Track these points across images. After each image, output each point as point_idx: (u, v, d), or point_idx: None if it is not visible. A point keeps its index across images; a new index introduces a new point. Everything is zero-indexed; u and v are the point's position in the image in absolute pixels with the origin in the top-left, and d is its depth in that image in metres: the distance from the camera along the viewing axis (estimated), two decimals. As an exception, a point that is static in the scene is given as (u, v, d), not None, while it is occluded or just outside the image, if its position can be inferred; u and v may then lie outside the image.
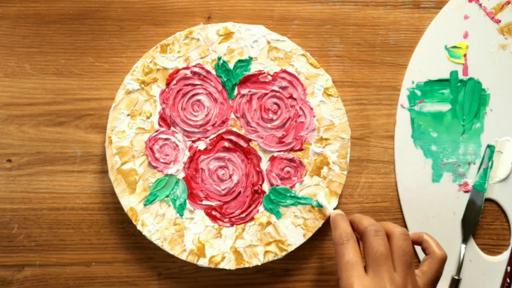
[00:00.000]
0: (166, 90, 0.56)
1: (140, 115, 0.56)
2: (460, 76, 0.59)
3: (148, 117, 0.56)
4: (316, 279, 0.60)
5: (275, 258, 0.56)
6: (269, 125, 0.57)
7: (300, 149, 0.57)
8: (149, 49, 0.57)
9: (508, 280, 0.58)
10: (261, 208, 0.57)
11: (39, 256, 0.58)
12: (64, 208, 0.58)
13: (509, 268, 0.59)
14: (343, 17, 0.59)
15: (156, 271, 0.59)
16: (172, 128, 0.56)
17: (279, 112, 0.56)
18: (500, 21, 0.58)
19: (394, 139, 0.59)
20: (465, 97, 0.59)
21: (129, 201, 0.56)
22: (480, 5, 0.58)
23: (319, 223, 0.57)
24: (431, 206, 0.59)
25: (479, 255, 0.59)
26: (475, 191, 0.59)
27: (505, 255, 0.59)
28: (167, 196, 0.56)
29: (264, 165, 0.57)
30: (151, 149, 0.56)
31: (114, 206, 0.58)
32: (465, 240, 0.59)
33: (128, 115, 0.56)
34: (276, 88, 0.56)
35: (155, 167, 0.56)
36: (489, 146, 0.59)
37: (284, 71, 0.56)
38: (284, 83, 0.56)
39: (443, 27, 0.59)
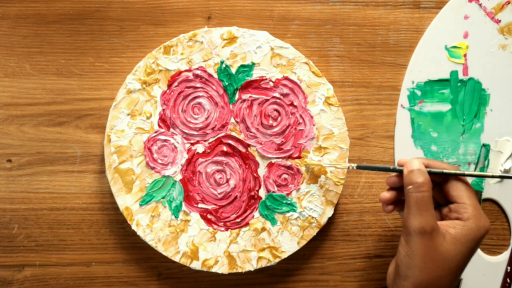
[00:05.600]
0: (168, 91, 0.56)
1: (140, 115, 0.56)
2: (460, 76, 0.59)
3: (148, 118, 0.56)
4: (316, 279, 0.60)
5: (268, 264, 0.56)
6: (268, 132, 0.57)
7: (299, 157, 0.57)
8: (149, 49, 0.57)
9: (508, 280, 0.59)
10: (256, 213, 0.57)
11: (39, 256, 0.59)
12: (64, 208, 0.58)
13: (509, 268, 0.59)
14: (343, 17, 0.59)
15: (156, 271, 0.59)
16: (171, 129, 0.56)
17: (279, 119, 0.56)
18: (500, 21, 0.58)
19: (394, 139, 0.59)
20: (465, 97, 0.59)
21: (125, 201, 0.56)
22: (480, 5, 0.58)
23: (314, 232, 0.57)
24: (431, 206, 0.59)
25: (479, 255, 0.59)
26: (473, 191, 0.58)
27: (505, 255, 0.59)
28: (163, 197, 0.56)
29: (262, 171, 0.57)
30: (149, 149, 0.56)
31: (114, 206, 0.58)
32: (465, 240, 0.59)
33: (128, 114, 0.56)
34: (277, 95, 0.56)
35: (152, 168, 0.56)
36: (484, 145, 0.59)
37: (286, 78, 0.56)
38: (285, 90, 0.56)
39: (443, 27, 0.58)
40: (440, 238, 0.46)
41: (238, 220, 0.56)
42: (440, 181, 0.50)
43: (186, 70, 0.56)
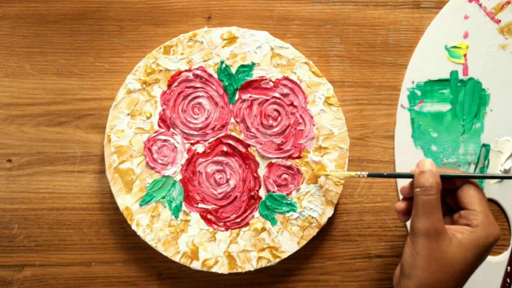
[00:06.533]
0: (168, 91, 0.56)
1: (140, 115, 0.56)
2: (460, 76, 0.59)
3: (148, 118, 0.56)
4: (316, 279, 0.60)
5: (268, 264, 0.56)
6: (268, 132, 0.57)
7: (299, 157, 0.57)
8: (149, 49, 0.57)
9: (508, 280, 0.59)
10: (256, 213, 0.57)
11: (39, 256, 0.59)
12: (64, 208, 0.58)
13: (509, 268, 0.59)
14: (343, 17, 0.59)
15: (156, 271, 0.59)
16: (171, 129, 0.56)
17: (279, 119, 0.56)
18: (500, 21, 0.58)
19: (394, 139, 0.59)
20: (465, 97, 0.59)
21: (125, 201, 0.56)
22: (480, 5, 0.58)
23: (314, 232, 0.57)
24: (431, 206, 0.59)
25: (479, 255, 0.59)
26: (474, 191, 0.58)
27: (505, 255, 0.59)
28: (163, 198, 0.56)
29: (262, 171, 0.57)
30: (149, 149, 0.56)
31: (114, 206, 0.58)
32: (465, 240, 0.59)
33: (128, 114, 0.56)
34: (277, 95, 0.56)
35: (152, 168, 0.56)
36: (484, 145, 0.59)
37: (286, 78, 0.56)
38: (285, 90, 0.56)
39: (443, 27, 0.58)
40: (446, 241, 0.46)
41: (238, 220, 0.56)
42: (453, 188, 0.50)
43: (186, 70, 0.56)
